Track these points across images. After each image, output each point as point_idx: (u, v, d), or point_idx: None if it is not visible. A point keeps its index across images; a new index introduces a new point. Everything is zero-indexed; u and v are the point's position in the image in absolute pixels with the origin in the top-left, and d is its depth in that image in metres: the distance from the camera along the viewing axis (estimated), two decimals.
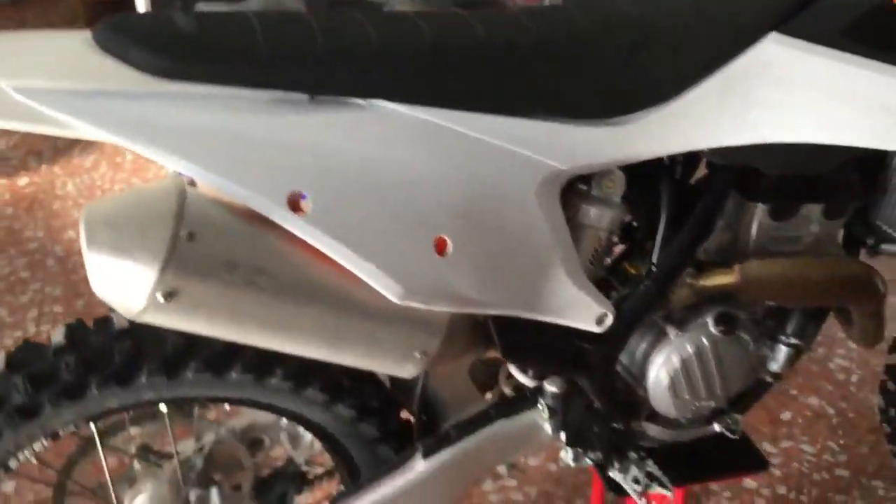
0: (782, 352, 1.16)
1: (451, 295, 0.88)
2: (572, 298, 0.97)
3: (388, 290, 0.83)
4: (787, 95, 0.93)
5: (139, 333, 0.99)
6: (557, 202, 0.94)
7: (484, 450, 1.13)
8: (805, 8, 0.94)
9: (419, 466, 1.10)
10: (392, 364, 0.93)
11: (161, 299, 0.79)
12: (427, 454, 1.10)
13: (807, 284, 1.08)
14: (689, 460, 1.25)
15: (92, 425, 1.05)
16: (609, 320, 1.00)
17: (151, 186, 0.84)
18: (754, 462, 1.29)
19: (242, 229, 0.83)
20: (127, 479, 1.19)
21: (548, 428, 1.12)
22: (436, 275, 0.86)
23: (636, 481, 1.16)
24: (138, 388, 0.99)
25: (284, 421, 1.22)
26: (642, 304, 1.04)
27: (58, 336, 1.01)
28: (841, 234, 1.12)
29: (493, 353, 1.04)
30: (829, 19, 0.94)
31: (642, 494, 1.17)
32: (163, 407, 1.09)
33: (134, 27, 0.79)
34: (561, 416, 1.11)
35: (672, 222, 1.03)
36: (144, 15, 0.83)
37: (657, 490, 1.16)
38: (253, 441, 1.25)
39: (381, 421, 1.11)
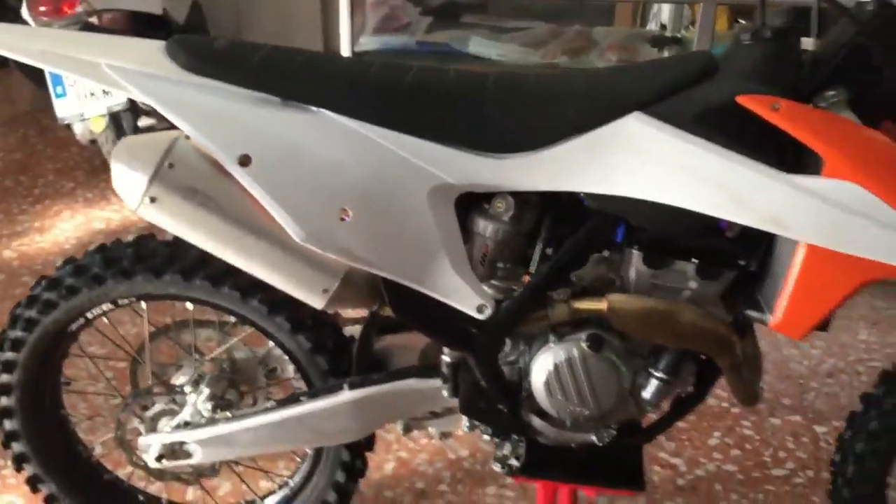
0: (653, 384, 1.38)
1: (343, 249, 1.24)
2: (455, 285, 1.29)
3: (294, 232, 1.22)
4: (640, 161, 1.21)
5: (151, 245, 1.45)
6: (450, 207, 1.27)
7: (397, 397, 1.45)
8: (666, 96, 1.21)
9: (345, 395, 1.45)
10: (303, 291, 1.31)
11: (148, 201, 1.25)
12: (352, 387, 1.45)
13: (667, 326, 1.31)
14: (571, 462, 1.48)
15: (143, 304, 1.52)
16: (488, 311, 1.31)
17: (161, 134, 1.31)
18: (632, 482, 1.49)
19: (206, 170, 1.26)
20: (176, 367, 1.63)
21: (445, 392, 1.43)
22: (332, 231, 1.23)
23: (503, 459, 1.44)
24: (163, 283, 1.44)
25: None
26: (517, 308, 1.32)
27: (127, 239, 1.50)
28: (717, 295, 1.33)
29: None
30: (685, 108, 1.20)
31: (509, 474, 1.44)
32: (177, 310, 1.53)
33: (188, 42, 1.27)
34: (452, 384, 1.41)
35: (548, 248, 1.32)
36: (200, 37, 1.30)
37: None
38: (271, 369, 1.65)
39: (315, 335, 1.47)
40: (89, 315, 1.50)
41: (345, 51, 2.60)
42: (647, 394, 1.38)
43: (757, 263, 1.30)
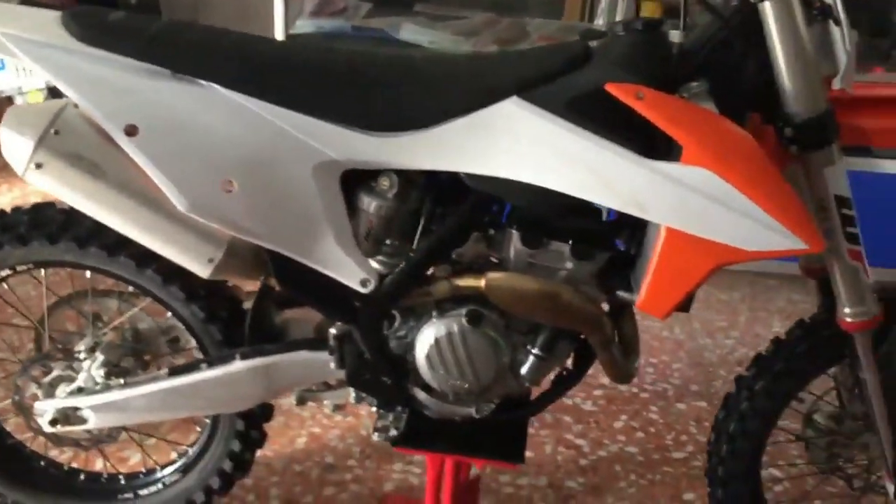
0: (530, 361, 1.43)
1: (227, 220, 1.28)
2: (339, 258, 1.34)
3: (177, 201, 1.25)
4: (516, 144, 1.26)
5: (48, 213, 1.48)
6: (335, 182, 1.32)
7: (287, 367, 1.50)
8: (543, 82, 1.27)
9: (236, 365, 1.49)
10: (188, 260, 1.35)
11: (34, 167, 1.28)
12: (244, 357, 1.49)
13: (540, 304, 1.37)
14: (455, 434, 1.54)
15: (42, 271, 1.55)
16: (371, 285, 1.35)
17: (50, 102, 1.33)
18: (512, 455, 1.55)
19: (93, 138, 1.30)
20: (79, 336, 1.67)
21: (332, 364, 1.48)
22: (216, 202, 1.27)
23: (384, 429, 1.49)
24: (58, 250, 1.47)
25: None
26: (399, 283, 1.37)
27: (26, 207, 1.52)
28: (592, 275, 1.39)
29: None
30: (558, 93, 1.25)
31: (392, 444, 1.49)
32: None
33: (83, 13, 1.29)
34: (339, 356, 1.46)
35: (430, 225, 1.37)
36: (93, 8, 1.33)
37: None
38: (173, 338, 1.69)
39: (209, 305, 1.51)
40: None
41: (278, 34, 2.62)
42: (524, 370, 1.44)
43: (634, 246, 1.37)
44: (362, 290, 1.36)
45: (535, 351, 1.42)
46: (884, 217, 2.68)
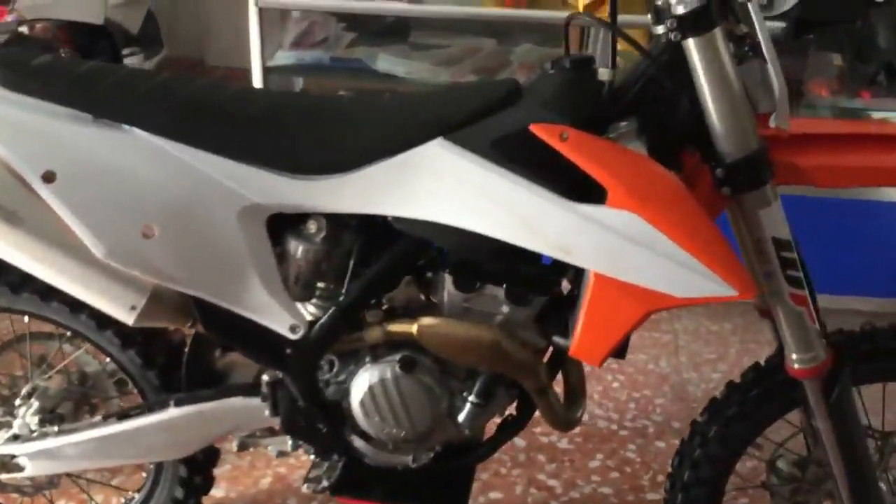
0: (467, 409, 1.38)
1: (147, 267, 1.25)
2: (266, 304, 1.30)
3: (95, 248, 1.23)
4: (441, 186, 1.22)
5: None
6: (261, 226, 1.29)
7: (223, 414, 1.46)
8: (468, 123, 1.23)
9: (171, 412, 1.46)
10: (111, 307, 1.32)
11: None
12: (178, 403, 1.46)
13: (473, 350, 1.32)
14: (395, 482, 1.49)
15: None
16: (301, 331, 1.32)
17: None
18: (454, 503, 1.50)
19: (12, 186, 1.27)
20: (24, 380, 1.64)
21: (266, 411, 1.44)
22: (135, 248, 1.24)
23: (316, 480, 1.45)
24: None
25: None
26: (329, 329, 1.33)
27: None
28: (529, 320, 1.34)
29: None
30: (483, 134, 1.22)
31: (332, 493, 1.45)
32: None
33: (7, 57, 1.28)
34: (272, 403, 1.42)
35: (359, 269, 1.33)
36: (20, 51, 1.32)
37: None
38: (119, 380, 1.66)
39: (145, 351, 1.49)
40: None
41: (255, 66, 2.61)
42: (461, 417, 1.39)
43: (573, 290, 1.32)
44: (291, 337, 1.32)
45: (471, 398, 1.38)
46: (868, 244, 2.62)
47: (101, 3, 3.63)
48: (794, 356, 1.30)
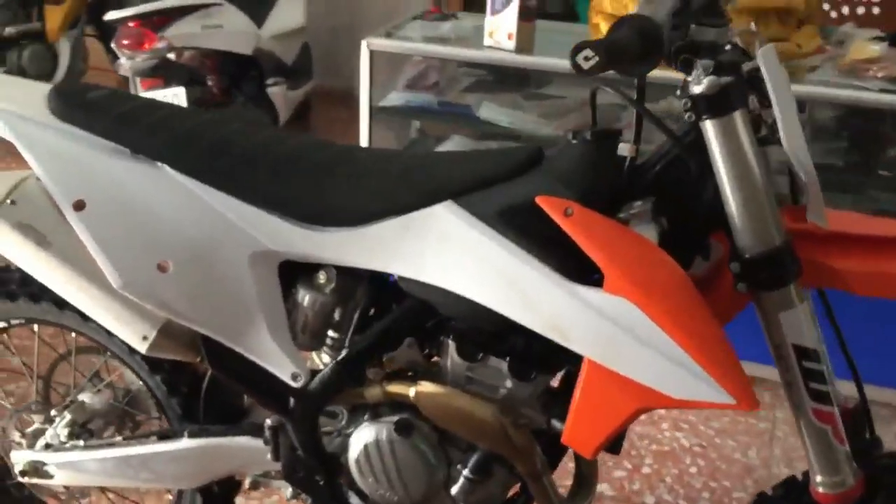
0: (460, 482, 1.32)
1: (159, 301, 1.28)
2: (270, 349, 1.30)
3: (112, 278, 1.26)
4: (446, 251, 1.19)
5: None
6: (272, 272, 1.29)
7: (230, 452, 1.47)
8: (479, 188, 1.18)
9: (183, 443, 1.48)
10: (125, 334, 1.35)
11: None
12: (191, 435, 1.48)
13: (467, 423, 1.26)
14: None
15: (36, 327, 1.63)
16: (302, 380, 1.31)
17: (12, 172, 1.40)
18: None
19: (47, 211, 1.33)
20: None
21: (269, 455, 1.43)
22: (150, 282, 1.27)
23: None
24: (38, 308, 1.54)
25: None
26: (330, 381, 1.31)
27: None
28: (532, 398, 1.27)
29: None
30: (491, 201, 1.17)
31: None
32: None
33: (66, 88, 1.36)
34: (274, 447, 1.41)
35: (364, 325, 1.30)
36: (79, 84, 1.39)
37: None
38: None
39: (171, 379, 1.52)
40: None
41: (363, 106, 2.66)
42: (455, 490, 1.33)
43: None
44: (293, 384, 1.31)
45: (465, 472, 1.32)
46: None
47: (251, 35, 3.83)
48: (818, 478, 1.16)
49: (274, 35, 4.01)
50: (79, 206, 1.28)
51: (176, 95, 3.36)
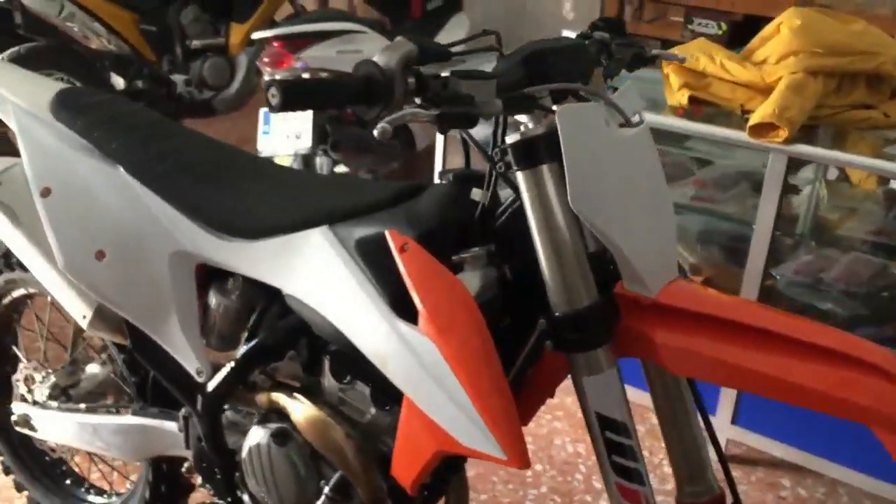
0: (321, 499, 1.36)
1: (93, 285, 1.44)
2: (181, 344, 1.43)
3: (58, 258, 1.44)
4: (313, 272, 1.26)
5: None
6: (189, 272, 1.42)
7: (159, 434, 1.59)
8: (351, 217, 1.24)
9: (124, 418, 1.63)
10: (71, 309, 1.52)
11: None
12: (133, 413, 1.63)
13: (323, 440, 1.31)
14: None
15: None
16: (204, 376, 1.42)
17: (4, 159, 1.61)
18: None
19: (24, 193, 1.51)
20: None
21: (181, 442, 1.54)
22: (86, 268, 1.43)
23: None
24: None
25: None
26: (224, 382, 1.41)
27: None
28: (389, 427, 1.29)
29: None
30: (356, 231, 1.23)
31: None
32: None
33: (69, 90, 1.56)
34: (185, 436, 1.52)
35: (255, 334, 1.39)
36: (84, 89, 1.60)
37: None
38: None
39: (129, 360, 1.66)
40: (15, 295, 1.86)
41: (437, 167, 2.73)
42: None
43: None
44: (197, 379, 1.43)
45: (326, 490, 1.36)
46: None
47: None
48: None
49: None
50: (45, 192, 1.47)
51: (304, 114, 3.62)
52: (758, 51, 2.29)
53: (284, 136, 3.70)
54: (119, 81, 4.48)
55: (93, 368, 1.83)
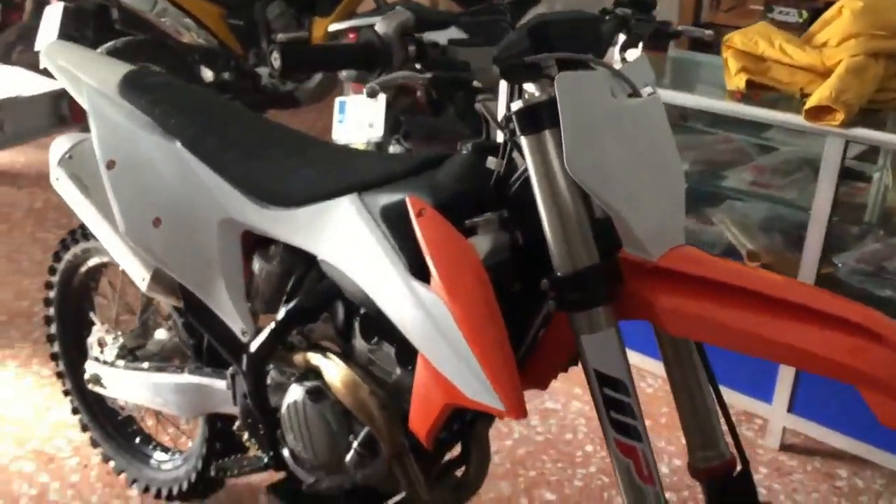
0: (351, 454, 1.43)
1: (150, 250, 1.56)
2: (227, 306, 1.53)
3: (119, 225, 1.57)
4: (343, 238, 1.34)
5: None
6: (236, 238, 1.53)
7: (211, 391, 1.70)
8: (379, 185, 1.31)
9: (182, 377, 1.75)
10: (132, 273, 1.65)
11: (54, 179, 1.72)
12: (189, 372, 1.74)
13: (351, 399, 1.38)
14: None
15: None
16: (248, 337, 1.52)
17: (79, 134, 1.74)
18: None
19: (93, 165, 1.64)
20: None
21: (231, 399, 1.64)
22: (145, 234, 1.56)
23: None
24: None
25: None
26: (265, 342, 1.50)
27: None
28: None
29: None
30: (382, 198, 1.29)
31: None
32: None
33: (137, 73, 1.69)
34: (232, 393, 1.62)
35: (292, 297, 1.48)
36: (150, 70, 1.72)
37: None
38: None
39: (187, 324, 1.77)
40: (91, 264, 2.01)
41: None
42: (347, 459, 1.44)
43: None
44: (241, 339, 1.53)
45: (355, 445, 1.43)
46: None
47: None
48: None
49: None
50: (110, 165, 1.59)
51: (377, 103, 3.72)
52: (819, 34, 2.26)
53: (358, 126, 3.81)
54: (208, 74, 4.68)
55: (160, 334, 1.96)
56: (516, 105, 1.09)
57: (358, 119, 3.79)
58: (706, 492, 1.26)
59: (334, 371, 1.41)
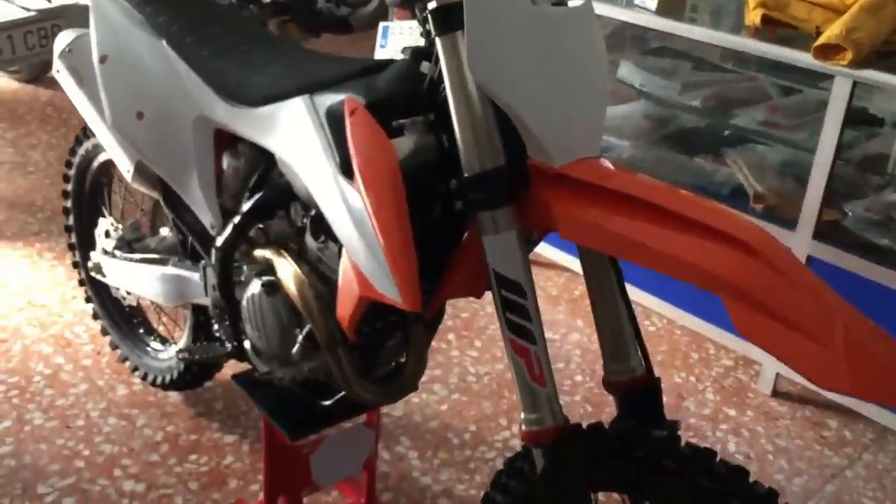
0: (296, 345, 1.49)
1: (133, 141, 1.65)
2: (198, 199, 1.62)
3: (107, 116, 1.66)
4: (293, 136, 1.39)
5: None
6: (208, 135, 1.60)
7: (190, 282, 1.79)
8: (327, 87, 1.36)
9: (166, 268, 1.84)
10: (119, 163, 1.75)
11: (56, 72, 1.82)
12: (172, 264, 1.84)
13: (296, 293, 1.45)
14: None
15: None
16: (216, 230, 1.60)
17: (80, 30, 1.83)
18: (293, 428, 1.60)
19: (90, 59, 1.73)
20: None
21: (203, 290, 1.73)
22: (129, 125, 1.65)
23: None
24: None
25: None
26: (229, 235, 1.57)
27: None
28: None
29: None
30: (327, 100, 1.34)
31: None
32: None
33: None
34: (203, 284, 1.71)
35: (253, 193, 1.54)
36: None
37: None
38: None
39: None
40: (101, 159, 2.12)
41: None
42: (293, 351, 1.51)
43: None
44: (211, 233, 1.61)
45: (300, 338, 1.50)
46: None
47: None
48: (522, 414, 1.18)
49: None
50: (103, 59, 1.68)
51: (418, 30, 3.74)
52: None
53: (398, 51, 3.83)
54: None
55: (165, 231, 2.06)
56: (432, 5, 1.11)
57: (400, 44, 3.82)
58: (617, 405, 1.30)
59: (285, 267, 1.47)
